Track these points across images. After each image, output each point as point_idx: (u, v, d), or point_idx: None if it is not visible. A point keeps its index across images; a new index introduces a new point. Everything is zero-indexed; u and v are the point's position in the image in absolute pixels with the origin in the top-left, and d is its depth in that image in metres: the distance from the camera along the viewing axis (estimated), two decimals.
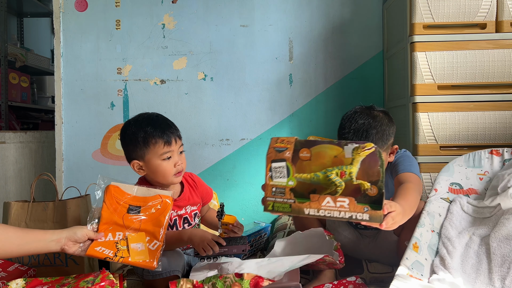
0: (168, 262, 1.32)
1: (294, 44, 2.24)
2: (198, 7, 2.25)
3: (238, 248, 1.33)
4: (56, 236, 1.17)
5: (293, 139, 1.05)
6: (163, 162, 1.38)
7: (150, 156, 1.37)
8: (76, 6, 2.27)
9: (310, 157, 1.02)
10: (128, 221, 1.28)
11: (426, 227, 1.29)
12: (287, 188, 1.03)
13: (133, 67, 2.27)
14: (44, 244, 1.16)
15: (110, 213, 1.29)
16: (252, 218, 2.24)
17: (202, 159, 2.26)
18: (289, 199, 1.03)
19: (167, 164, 1.38)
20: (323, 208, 0.99)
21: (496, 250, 1.19)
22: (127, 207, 1.30)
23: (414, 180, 1.33)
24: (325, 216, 0.98)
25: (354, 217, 0.96)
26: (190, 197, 1.52)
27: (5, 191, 2.33)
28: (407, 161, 1.42)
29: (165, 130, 1.38)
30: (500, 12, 1.72)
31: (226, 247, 1.32)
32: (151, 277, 1.32)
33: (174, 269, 1.32)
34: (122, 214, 1.29)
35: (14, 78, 3.28)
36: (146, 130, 1.37)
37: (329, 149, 1.01)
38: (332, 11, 2.23)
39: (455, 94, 1.74)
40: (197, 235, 1.32)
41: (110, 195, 1.31)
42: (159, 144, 1.36)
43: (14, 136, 2.39)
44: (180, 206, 1.49)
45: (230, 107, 2.25)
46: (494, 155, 1.48)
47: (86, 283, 1.14)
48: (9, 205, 1.54)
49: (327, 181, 1.00)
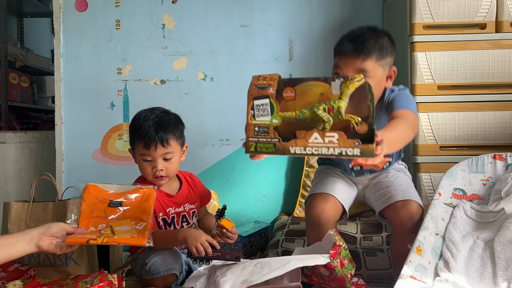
0: (166, 261, 1.33)
1: (294, 44, 2.24)
2: (198, 7, 2.25)
3: (232, 254, 1.31)
4: (27, 235, 1.10)
5: (276, 76, 0.99)
6: (143, 162, 1.42)
7: (136, 151, 1.44)
8: (76, 6, 2.27)
9: (295, 97, 0.95)
10: (110, 212, 1.24)
11: (430, 230, 1.28)
12: (270, 127, 0.95)
13: (133, 67, 2.27)
14: (13, 248, 1.08)
15: (90, 210, 1.24)
16: (252, 218, 2.24)
17: (202, 159, 2.26)
18: (273, 138, 0.95)
19: (146, 166, 1.42)
20: (311, 145, 0.92)
21: (500, 254, 1.18)
22: (107, 203, 1.27)
23: (407, 116, 1.28)
24: (313, 154, 0.91)
25: (344, 153, 0.89)
26: (188, 195, 1.52)
27: (5, 191, 2.33)
28: (404, 98, 1.36)
29: (150, 134, 1.38)
30: (500, 12, 1.72)
31: (220, 251, 1.31)
32: (149, 276, 1.32)
33: (172, 268, 1.32)
34: (103, 208, 1.25)
35: (14, 78, 3.28)
36: (140, 126, 1.40)
37: (315, 86, 0.95)
38: (332, 11, 2.22)
39: (455, 94, 1.74)
40: (191, 234, 1.31)
41: (89, 193, 1.27)
42: (140, 144, 1.40)
43: (14, 136, 2.39)
44: (178, 203, 1.48)
45: (230, 107, 2.25)
46: (497, 160, 1.47)
47: (85, 284, 1.14)
48: (9, 205, 1.54)
49: (314, 117, 0.94)
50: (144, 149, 1.39)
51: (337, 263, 1.26)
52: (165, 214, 1.45)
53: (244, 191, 2.26)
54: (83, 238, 1.15)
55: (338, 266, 1.26)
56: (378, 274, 1.61)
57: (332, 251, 1.26)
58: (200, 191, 1.58)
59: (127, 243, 1.17)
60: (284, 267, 1.20)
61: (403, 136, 1.20)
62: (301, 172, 2.20)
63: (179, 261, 1.36)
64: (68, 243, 1.14)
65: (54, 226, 1.15)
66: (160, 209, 1.44)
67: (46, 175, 1.56)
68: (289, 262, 1.21)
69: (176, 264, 1.34)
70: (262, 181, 2.26)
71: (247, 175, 2.26)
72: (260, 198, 2.26)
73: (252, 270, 1.25)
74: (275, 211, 2.26)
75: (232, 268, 1.28)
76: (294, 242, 1.80)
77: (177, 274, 1.34)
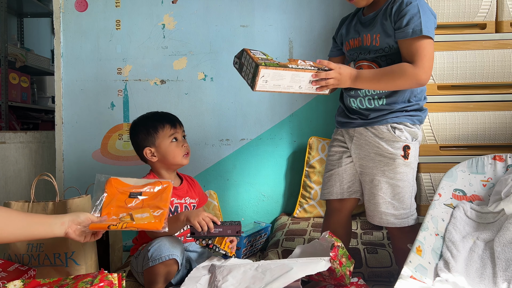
0: (167, 246, 1.38)
1: (294, 44, 2.24)
2: (198, 7, 2.25)
3: (232, 229, 1.39)
4: (60, 220, 1.18)
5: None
6: (171, 144, 1.58)
7: (160, 140, 1.57)
8: (76, 6, 2.27)
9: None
10: (130, 202, 1.34)
11: (430, 230, 1.28)
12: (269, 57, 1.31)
13: (133, 67, 2.27)
14: (49, 227, 1.15)
15: (112, 200, 1.34)
16: (252, 218, 2.24)
17: (202, 159, 2.26)
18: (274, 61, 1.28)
19: (176, 146, 1.58)
20: (299, 64, 1.28)
21: (500, 254, 1.18)
22: (128, 194, 1.37)
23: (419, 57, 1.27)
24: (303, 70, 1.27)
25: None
26: (188, 190, 1.65)
27: (5, 191, 2.33)
28: (420, 12, 1.28)
29: (170, 117, 1.63)
30: (500, 12, 1.72)
31: (221, 227, 1.39)
32: (151, 263, 1.37)
33: (173, 253, 1.37)
34: (124, 199, 1.35)
35: (14, 78, 3.28)
36: (154, 119, 1.60)
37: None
38: (332, 11, 2.22)
39: (455, 94, 1.74)
40: (192, 212, 1.43)
41: (111, 185, 1.38)
42: (166, 127, 1.58)
43: (14, 136, 2.39)
44: (179, 195, 1.60)
45: (230, 107, 2.25)
46: (497, 161, 1.47)
47: (85, 284, 1.14)
48: (9, 205, 1.55)
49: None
50: (171, 129, 1.58)
51: (337, 264, 1.27)
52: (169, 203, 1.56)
53: (244, 191, 2.26)
54: (105, 224, 1.24)
55: (338, 266, 1.27)
56: (379, 272, 1.61)
57: (332, 253, 1.27)
58: (198, 191, 1.69)
59: (145, 228, 1.27)
60: (286, 275, 1.20)
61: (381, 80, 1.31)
62: (301, 172, 2.21)
63: (180, 248, 1.42)
64: (91, 229, 1.23)
65: (82, 215, 1.23)
66: None
67: (46, 175, 1.56)
68: (291, 269, 1.22)
69: (176, 250, 1.39)
70: (262, 181, 2.26)
71: (247, 175, 2.26)
72: (260, 198, 2.26)
73: (253, 275, 1.25)
74: (275, 211, 2.26)
75: (233, 271, 1.28)
76: (294, 241, 1.81)
77: (178, 260, 1.38)
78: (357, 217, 2.08)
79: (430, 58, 1.29)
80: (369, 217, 1.46)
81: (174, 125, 1.60)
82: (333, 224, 1.49)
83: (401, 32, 1.29)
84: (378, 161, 1.40)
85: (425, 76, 1.29)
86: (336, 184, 1.48)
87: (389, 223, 1.40)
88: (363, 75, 1.33)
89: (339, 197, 1.47)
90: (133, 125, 1.65)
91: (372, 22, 1.38)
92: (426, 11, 1.30)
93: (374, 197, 1.42)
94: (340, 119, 1.50)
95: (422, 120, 1.42)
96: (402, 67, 1.29)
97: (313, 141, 2.17)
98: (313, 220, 2.08)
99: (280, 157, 2.25)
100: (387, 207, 1.40)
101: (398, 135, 1.37)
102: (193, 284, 1.31)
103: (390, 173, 1.38)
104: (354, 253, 1.56)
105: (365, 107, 1.42)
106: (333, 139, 1.53)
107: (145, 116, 1.65)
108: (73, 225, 1.19)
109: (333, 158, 1.51)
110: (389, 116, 1.38)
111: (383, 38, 1.35)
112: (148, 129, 1.58)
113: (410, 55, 1.29)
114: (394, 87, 1.34)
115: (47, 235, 1.18)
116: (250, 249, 1.95)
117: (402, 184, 1.39)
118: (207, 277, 1.35)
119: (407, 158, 1.38)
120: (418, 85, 1.33)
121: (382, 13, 1.35)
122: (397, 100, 1.38)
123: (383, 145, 1.38)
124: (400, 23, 1.30)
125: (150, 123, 1.59)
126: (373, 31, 1.37)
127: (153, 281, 1.39)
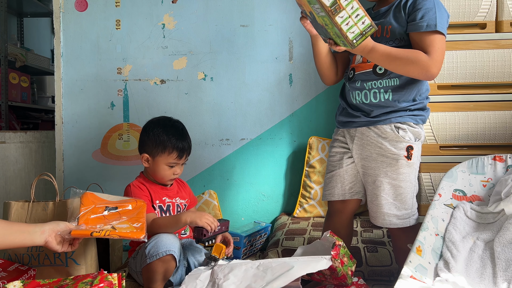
0: (164, 243, 1.39)
1: (294, 44, 2.24)
2: (198, 7, 2.25)
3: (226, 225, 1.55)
4: (40, 228, 1.18)
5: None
6: (166, 167, 1.58)
7: (160, 159, 1.57)
8: (76, 6, 2.27)
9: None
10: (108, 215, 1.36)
11: (430, 230, 1.28)
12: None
13: (133, 67, 2.27)
14: (29, 235, 1.15)
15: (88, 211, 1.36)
16: (252, 218, 2.24)
17: (202, 159, 2.26)
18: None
19: (168, 171, 1.58)
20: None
21: (500, 254, 1.18)
22: (104, 208, 1.39)
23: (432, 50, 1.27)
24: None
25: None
26: (178, 191, 1.68)
27: (5, 191, 2.33)
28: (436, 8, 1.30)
29: (185, 146, 1.58)
30: (500, 12, 1.72)
31: (219, 224, 1.48)
32: (149, 259, 1.37)
33: (169, 249, 1.38)
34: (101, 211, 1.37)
35: (14, 78, 3.28)
36: (171, 138, 1.56)
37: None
38: None
39: (455, 94, 1.74)
40: (193, 213, 1.46)
41: (87, 198, 1.40)
42: (172, 154, 1.56)
43: (14, 136, 2.39)
44: (170, 196, 1.64)
45: (230, 107, 2.25)
46: (497, 161, 1.47)
47: (85, 285, 1.14)
48: (9, 205, 1.54)
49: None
50: (175, 159, 1.57)
51: (338, 263, 1.27)
52: (161, 202, 1.60)
53: (244, 191, 2.26)
54: (87, 231, 1.25)
55: (339, 265, 1.27)
56: (379, 270, 1.61)
57: (333, 252, 1.27)
58: (189, 192, 1.72)
59: (127, 237, 1.28)
60: (287, 274, 1.20)
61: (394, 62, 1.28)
62: (301, 172, 2.21)
63: (177, 244, 1.42)
64: (73, 235, 1.22)
65: (62, 223, 1.23)
66: (157, 197, 1.59)
67: (46, 175, 1.56)
68: (292, 267, 1.22)
69: (173, 246, 1.39)
70: (262, 181, 2.26)
71: (247, 175, 2.26)
72: (260, 198, 2.26)
73: (255, 273, 1.25)
74: (275, 211, 2.26)
75: (234, 270, 1.28)
76: (294, 240, 1.81)
77: (175, 256, 1.38)
78: (357, 216, 2.08)
79: (442, 53, 1.30)
80: (372, 218, 1.46)
81: (181, 156, 1.57)
82: (335, 225, 1.49)
83: (415, 25, 1.30)
84: (380, 162, 1.39)
85: (436, 70, 1.28)
86: (337, 185, 1.48)
87: (392, 224, 1.40)
88: (379, 49, 1.28)
89: (341, 198, 1.47)
90: (151, 125, 1.61)
91: (384, 15, 1.38)
92: (441, 8, 1.31)
93: (376, 198, 1.41)
94: (342, 119, 1.48)
95: (425, 119, 1.41)
96: (418, 54, 1.28)
97: (313, 141, 2.17)
98: (313, 219, 2.08)
99: (280, 157, 2.25)
100: (389, 208, 1.40)
101: (402, 135, 1.36)
102: (193, 281, 1.31)
103: (392, 174, 1.38)
104: (354, 252, 1.56)
105: (369, 102, 1.39)
106: (333, 139, 1.53)
107: (165, 125, 1.60)
108: (53, 234, 1.19)
109: (334, 159, 1.50)
110: (393, 115, 1.37)
111: (394, 30, 1.34)
112: (158, 143, 1.56)
113: (422, 48, 1.29)
114: (403, 72, 1.31)
115: (27, 244, 1.18)
116: (250, 248, 1.95)
117: (405, 184, 1.38)
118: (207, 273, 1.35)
119: (410, 158, 1.37)
120: (426, 77, 1.32)
121: (396, 6, 1.36)
122: (403, 97, 1.36)
123: (386, 145, 1.37)
124: (414, 15, 1.30)
125: (163, 140, 1.56)
126: (385, 23, 1.36)
127: (151, 279, 1.39)
